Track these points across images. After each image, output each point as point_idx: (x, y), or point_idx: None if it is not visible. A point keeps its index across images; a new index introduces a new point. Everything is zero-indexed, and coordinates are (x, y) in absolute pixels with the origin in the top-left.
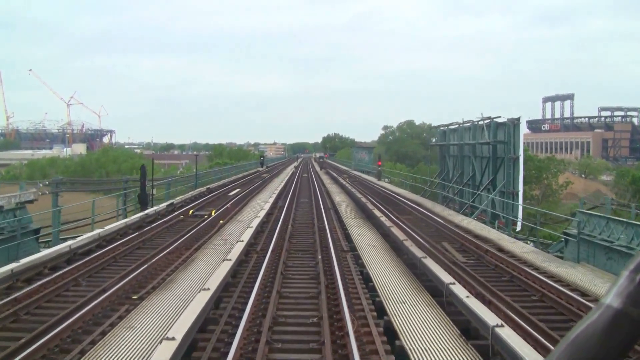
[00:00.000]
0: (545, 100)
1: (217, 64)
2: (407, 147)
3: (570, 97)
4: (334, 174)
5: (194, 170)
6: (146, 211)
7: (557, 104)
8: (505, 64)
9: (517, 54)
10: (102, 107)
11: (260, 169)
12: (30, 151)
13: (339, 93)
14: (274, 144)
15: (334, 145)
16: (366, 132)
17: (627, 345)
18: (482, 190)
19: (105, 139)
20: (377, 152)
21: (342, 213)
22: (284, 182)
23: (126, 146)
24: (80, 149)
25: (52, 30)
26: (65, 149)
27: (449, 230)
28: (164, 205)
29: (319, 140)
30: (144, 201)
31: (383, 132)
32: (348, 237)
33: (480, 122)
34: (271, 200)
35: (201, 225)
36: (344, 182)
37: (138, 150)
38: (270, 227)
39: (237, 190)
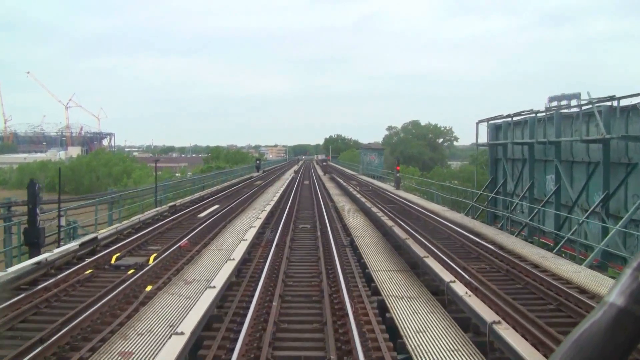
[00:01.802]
0: (552, 99)
1: (218, 65)
2: (413, 148)
3: (577, 96)
4: (341, 181)
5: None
6: (38, 258)
7: (564, 103)
8: (508, 65)
9: (520, 55)
10: (102, 109)
11: (255, 174)
12: (24, 155)
13: (341, 94)
14: (275, 146)
15: (337, 146)
16: (369, 133)
17: (631, 344)
18: (588, 215)
19: (105, 142)
20: (393, 154)
21: (367, 256)
22: (280, 192)
23: (126, 149)
24: (75, 152)
25: (52, 32)
26: (59, 153)
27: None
28: (75, 244)
29: (321, 142)
30: (32, 241)
31: (387, 132)
32: (393, 335)
33: (587, 107)
34: (254, 229)
35: (110, 295)
36: (356, 193)
37: (136, 153)
38: (239, 298)
39: (214, 207)
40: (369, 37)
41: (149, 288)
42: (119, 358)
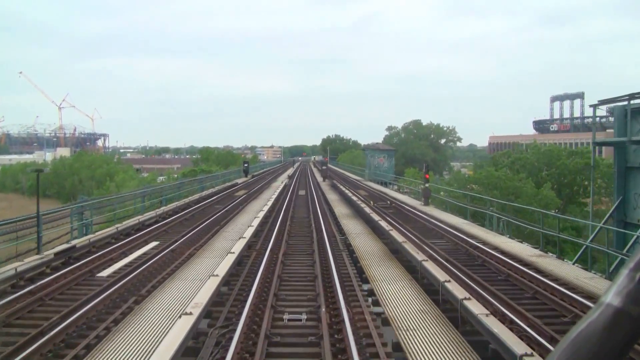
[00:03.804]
0: (554, 99)
1: (216, 66)
2: (415, 149)
3: (580, 96)
4: (346, 191)
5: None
6: None
7: (567, 103)
8: (508, 65)
9: (520, 55)
10: (96, 110)
11: (241, 180)
12: (9, 156)
13: (339, 95)
14: (271, 147)
15: (335, 147)
16: (368, 134)
17: (627, 344)
18: None
19: (100, 143)
20: (394, 155)
21: None
22: (265, 210)
23: (120, 150)
24: (64, 153)
25: (49, 33)
26: (46, 154)
27: None
28: None
29: (318, 142)
30: None
31: (387, 133)
32: None
33: None
34: (173, 348)
35: None
36: (373, 215)
37: (130, 154)
38: None
39: (147, 248)
40: (368, 38)
41: None
42: None
